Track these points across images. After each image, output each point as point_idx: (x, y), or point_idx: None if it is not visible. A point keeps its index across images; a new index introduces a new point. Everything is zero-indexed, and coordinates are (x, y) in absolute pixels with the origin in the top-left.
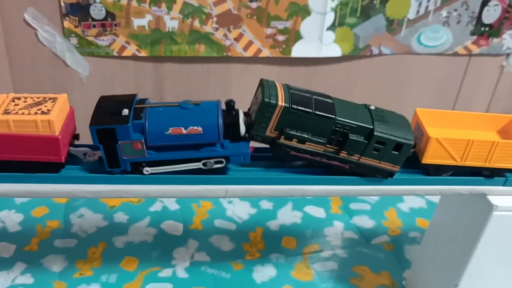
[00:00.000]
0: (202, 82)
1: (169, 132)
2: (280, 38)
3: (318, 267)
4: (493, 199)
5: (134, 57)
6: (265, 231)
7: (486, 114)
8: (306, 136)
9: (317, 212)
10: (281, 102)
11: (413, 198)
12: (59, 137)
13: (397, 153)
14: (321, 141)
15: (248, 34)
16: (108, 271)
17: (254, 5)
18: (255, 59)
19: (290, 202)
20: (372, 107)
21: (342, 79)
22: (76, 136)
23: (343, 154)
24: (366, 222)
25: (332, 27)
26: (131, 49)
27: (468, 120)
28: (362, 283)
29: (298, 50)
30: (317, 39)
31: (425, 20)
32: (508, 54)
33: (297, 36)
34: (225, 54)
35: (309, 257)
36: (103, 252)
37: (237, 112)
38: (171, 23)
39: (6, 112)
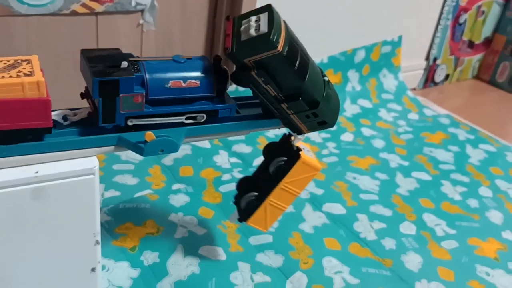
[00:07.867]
0: None
1: (169, 85)
2: None
3: None
4: None
5: None
6: None
7: None
8: (271, 80)
9: None
10: (280, 48)
11: None
12: (49, 99)
13: (318, 126)
14: (278, 88)
15: None
16: None
17: None
18: None
19: None
20: (326, 78)
21: None
22: None
23: (283, 105)
24: None
25: None
26: None
27: None
28: None
29: None
30: None
31: None
32: (142, 11)
33: None
34: None
35: None
36: None
37: (225, 70)
38: None
39: None
